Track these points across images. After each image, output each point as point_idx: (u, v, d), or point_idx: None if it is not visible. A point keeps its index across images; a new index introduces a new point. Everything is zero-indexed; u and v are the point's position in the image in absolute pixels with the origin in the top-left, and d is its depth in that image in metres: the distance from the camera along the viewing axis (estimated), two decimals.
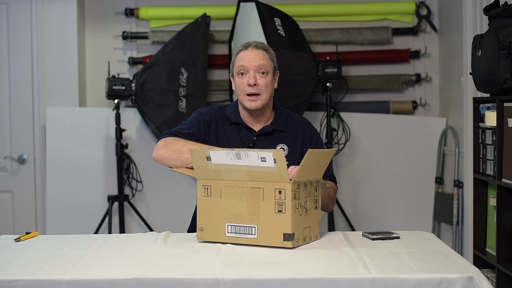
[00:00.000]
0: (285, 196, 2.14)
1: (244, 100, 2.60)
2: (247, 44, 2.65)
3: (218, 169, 2.22)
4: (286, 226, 2.14)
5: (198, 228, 2.27)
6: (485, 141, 3.25)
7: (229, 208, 2.22)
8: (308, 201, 2.23)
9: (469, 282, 1.86)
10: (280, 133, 2.66)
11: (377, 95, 4.92)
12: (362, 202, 4.79)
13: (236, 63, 2.63)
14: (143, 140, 4.70)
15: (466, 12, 4.04)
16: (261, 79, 2.58)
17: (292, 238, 2.14)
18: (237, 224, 2.20)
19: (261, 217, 2.17)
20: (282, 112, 2.72)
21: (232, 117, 2.66)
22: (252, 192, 2.18)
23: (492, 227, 3.22)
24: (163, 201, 4.70)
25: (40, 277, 1.89)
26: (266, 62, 2.60)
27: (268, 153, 2.12)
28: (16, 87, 4.60)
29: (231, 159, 2.18)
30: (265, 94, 2.60)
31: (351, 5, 4.87)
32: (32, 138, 4.66)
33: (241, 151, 2.17)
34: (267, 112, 2.67)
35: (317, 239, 2.31)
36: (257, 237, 2.18)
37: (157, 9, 4.82)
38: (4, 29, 4.60)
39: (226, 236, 2.22)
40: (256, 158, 2.14)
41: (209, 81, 4.68)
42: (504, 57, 2.88)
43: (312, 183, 2.26)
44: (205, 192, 2.26)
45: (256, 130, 2.65)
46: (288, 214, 2.14)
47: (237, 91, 2.63)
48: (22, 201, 4.66)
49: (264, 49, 2.64)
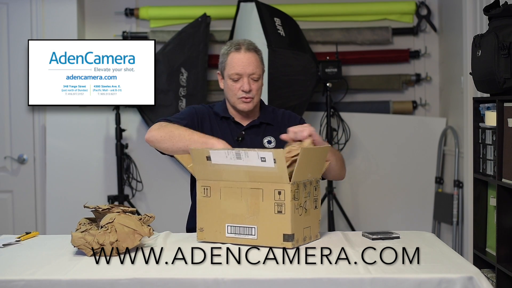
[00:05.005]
0: (285, 196, 2.14)
1: (237, 103, 2.65)
2: (238, 45, 2.66)
3: (217, 169, 2.22)
4: (286, 227, 2.14)
5: (198, 229, 2.27)
6: (485, 141, 3.25)
7: (228, 209, 2.22)
8: (307, 201, 2.23)
9: (469, 282, 1.86)
10: (268, 126, 2.71)
11: (377, 95, 4.92)
12: (362, 202, 4.79)
13: (230, 68, 2.65)
14: (143, 140, 4.66)
15: (466, 12, 4.04)
16: (253, 84, 2.64)
17: (292, 239, 2.14)
18: (237, 225, 2.20)
19: (260, 218, 2.17)
20: (268, 107, 2.79)
21: (221, 112, 2.71)
22: (252, 192, 2.18)
23: (492, 227, 3.22)
24: (163, 201, 4.70)
25: (40, 277, 1.89)
26: (258, 69, 2.65)
27: (268, 153, 2.12)
28: (16, 87, 4.60)
29: (231, 159, 2.18)
30: (257, 96, 2.67)
31: (351, 5, 4.87)
32: (32, 138, 4.66)
33: (241, 150, 2.17)
34: (255, 109, 2.73)
35: (317, 239, 2.31)
36: (257, 238, 2.18)
37: (157, 9, 4.83)
38: (4, 29, 4.60)
39: (226, 237, 2.22)
40: (256, 158, 2.14)
41: (209, 81, 4.68)
42: (504, 57, 2.88)
43: (312, 183, 2.26)
44: (204, 193, 2.26)
45: (244, 125, 2.70)
46: (287, 215, 2.14)
47: (229, 93, 2.67)
48: (22, 201, 4.66)
49: (255, 51, 2.67)
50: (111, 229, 2.10)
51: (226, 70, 2.67)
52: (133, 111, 4.64)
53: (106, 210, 2.22)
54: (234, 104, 2.67)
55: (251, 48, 2.66)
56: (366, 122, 4.77)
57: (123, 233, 2.10)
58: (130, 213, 2.23)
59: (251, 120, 2.71)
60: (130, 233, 2.12)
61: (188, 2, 4.86)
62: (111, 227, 2.10)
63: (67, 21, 4.64)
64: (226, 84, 2.68)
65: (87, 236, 2.09)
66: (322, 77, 4.47)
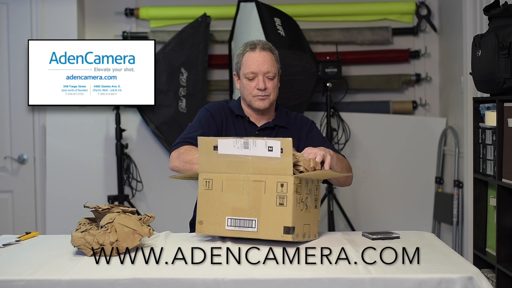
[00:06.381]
0: (287, 189, 2.13)
1: (253, 101, 2.68)
2: (253, 44, 2.70)
3: (221, 161, 2.22)
4: (286, 219, 2.13)
5: (198, 222, 2.26)
6: (485, 141, 3.25)
7: (229, 202, 2.21)
8: (309, 198, 2.23)
9: (469, 282, 1.86)
10: (282, 128, 2.74)
11: (377, 95, 4.92)
12: (362, 202, 4.79)
13: (245, 67, 2.68)
14: (143, 140, 4.70)
15: (466, 12, 4.04)
16: (269, 83, 2.67)
17: (292, 232, 2.13)
18: (237, 217, 2.20)
19: (261, 210, 2.16)
20: (283, 110, 2.82)
21: (236, 110, 2.74)
22: (254, 185, 2.18)
23: (492, 227, 3.22)
24: (163, 201, 4.70)
25: (40, 277, 1.89)
26: (273, 67, 2.68)
27: (276, 141, 2.13)
28: (16, 87, 4.60)
29: (238, 148, 2.18)
30: (273, 94, 2.70)
31: (351, 5, 4.87)
32: (32, 138, 4.66)
33: (249, 139, 2.18)
34: (271, 110, 2.76)
35: (316, 239, 2.31)
36: (257, 230, 2.16)
37: (157, 9, 4.83)
38: (4, 29, 4.60)
39: (225, 230, 2.21)
40: (263, 147, 2.14)
41: (209, 81, 4.68)
42: (504, 57, 2.88)
43: (313, 181, 2.26)
44: (206, 186, 2.25)
45: (259, 126, 2.72)
46: (289, 207, 2.13)
47: (245, 92, 2.70)
48: (22, 201, 4.66)
49: (270, 51, 2.71)
50: (111, 229, 2.10)
51: (241, 69, 2.70)
52: (133, 111, 4.64)
53: (106, 210, 2.22)
54: (250, 102, 2.69)
55: (266, 47, 2.70)
56: (366, 122, 4.77)
57: (123, 233, 2.10)
58: (130, 213, 2.23)
59: (266, 122, 2.73)
60: (130, 233, 2.12)
61: (188, 2, 4.86)
62: (111, 227, 2.10)
63: (67, 21, 4.64)
64: (242, 84, 2.71)
65: (87, 236, 2.09)
66: (322, 77, 4.47)
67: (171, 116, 4.50)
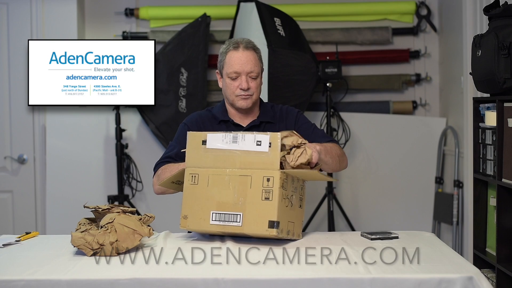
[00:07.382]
0: (273, 183, 2.13)
1: (236, 100, 2.66)
2: (236, 43, 2.66)
3: (209, 156, 2.21)
4: (271, 213, 2.12)
5: (182, 216, 2.25)
6: (485, 141, 3.25)
7: (215, 196, 2.20)
8: (294, 196, 2.23)
9: (469, 282, 1.86)
10: (268, 124, 2.71)
11: (377, 95, 4.92)
12: (362, 202, 4.79)
13: (228, 67, 2.65)
14: (143, 140, 4.70)
15: (466, 12, 4.04)
16: (252, 82, 2.64)
17: (277, 226, 2.12)
18: (222, 212, 2.19)
19: (247, 205, 2.15)
20: (267, 105, 2.78)
21: (220, 116, 2.71)
22: (240, 180, 2.17)
23: (492, 227, 3.22)
24: (163, 201, 4.69)
25: (40, 277, 1.89)
26: (256, 67, 2.65)
27: (265, 136, 2.14)
28: (16, 87, 4.60)
29: (227, 142, 2.19)
30: (256, 94, 2.67)
31: (351, 5, 4.87)
32: (32, 138, 4.66)
33: (238, 133, 2.18)
34: (255, 108, 2.73)
35: (299, 239, 2.30)
36: (242, 225, 2.15)
37: (157, 9, 4.83)
38: (4, 29, 4.60)
39: (210, 224, 2.19)
40: (252, 141, 2.15)
41: (209, 81, 4.68)
42: (504, 57, 2.88)
43: (299, 180, 2.26)
44: (192, 180, 2.25)
45: (244, 126, 2.70)
46: (274, 201, 2.12)
47: (228, 92, 2.68)
48: (22, 201, 4.66)
49: (253, 49, 2.67)
50: (111, 229, 2.10)
51: (224, 68, 2.67)
52: (133, 111, 4.64)
53: (106, 210, 2.22)
54: (232, 102, 2.67)
55: (249, 46, 2.66)
56: (366, 122, 4.77)
57: (123, 233, 2.10)
58: (130, 213, 2.23)
59: (250, 120, 2.71)
60: (130, 233, 2.12)
61: (188, 2, 4.86)
62: (111, 227, 2.10)
63: (67, 21, 4.64)
64: (224, 83, 2.68)
65: (87, 236, 2.09)
66: (322, 77, 4.47)
67: (171, 116, 4.50)
